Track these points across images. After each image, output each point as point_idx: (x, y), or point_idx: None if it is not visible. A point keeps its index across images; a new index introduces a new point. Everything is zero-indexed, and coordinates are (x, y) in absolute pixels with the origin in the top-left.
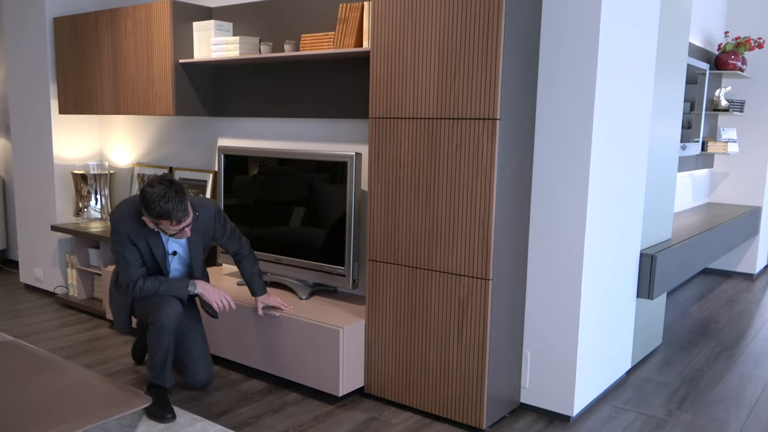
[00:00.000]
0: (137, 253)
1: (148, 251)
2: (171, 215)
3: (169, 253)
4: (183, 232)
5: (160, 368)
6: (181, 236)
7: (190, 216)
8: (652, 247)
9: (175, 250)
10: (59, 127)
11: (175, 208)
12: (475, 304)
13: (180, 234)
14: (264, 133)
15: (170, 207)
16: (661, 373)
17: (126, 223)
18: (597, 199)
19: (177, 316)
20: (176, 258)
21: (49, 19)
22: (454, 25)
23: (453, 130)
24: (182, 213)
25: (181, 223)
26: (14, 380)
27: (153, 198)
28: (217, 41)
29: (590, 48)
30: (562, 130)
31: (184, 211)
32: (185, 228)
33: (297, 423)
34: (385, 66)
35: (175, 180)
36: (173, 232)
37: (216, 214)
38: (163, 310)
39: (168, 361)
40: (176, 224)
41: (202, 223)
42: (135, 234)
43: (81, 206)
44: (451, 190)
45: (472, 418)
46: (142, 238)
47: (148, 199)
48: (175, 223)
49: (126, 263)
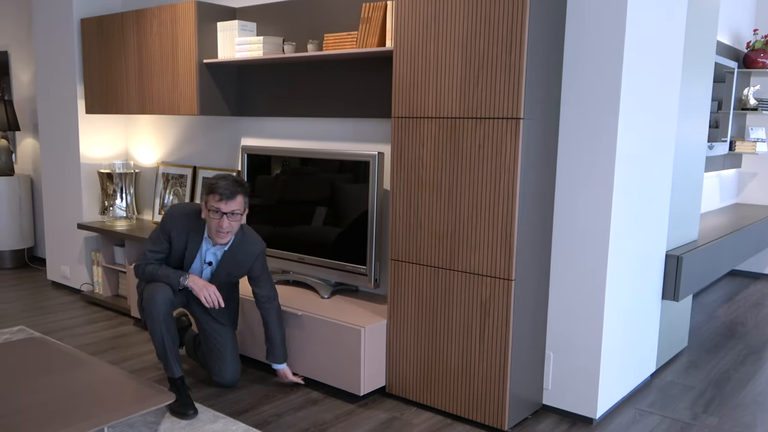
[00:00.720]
0: (166, 249)
1: (181, 252)
2: (217, 189)
3: (206, 263)
4: (221, 223)
5: (163, 359)
6: (218, 230)
7: (237, 208)
8: (677, 249)
9: (211, 261)
10: (86, 127)
11: (225, 186)
12: (498, 304)
13: (218, 225)
14: (287, 132)
15: (221, 183)
16: (687, 376)
17: (176, 220)
18: (622, 199)
19: (164, 303)
20: (208, 270)
21: (77, 20)
22: (478, 24)
23: (476, 130)
24: (229, 193)
25: (223, 202)
26: (41, 376)
27: (215, 176)
28: (241, 41)
29: (616, 46)
30: (586, 130)
31: (232, 194)
32: (225, 217)
33: (318, 422)
34: (408, 65)
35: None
36: (214, 218)
37: (260, 251)
38: (151, 298)
39: (168, 350)
40: (219, 201)
41: (243, 251)
42: (177, 232)
43: (107, 205)
44: (473, 190)
45: (494, 419)
46: (182, 238)
47: (210, 178)
48: (218, 198)
49: (150, 249)
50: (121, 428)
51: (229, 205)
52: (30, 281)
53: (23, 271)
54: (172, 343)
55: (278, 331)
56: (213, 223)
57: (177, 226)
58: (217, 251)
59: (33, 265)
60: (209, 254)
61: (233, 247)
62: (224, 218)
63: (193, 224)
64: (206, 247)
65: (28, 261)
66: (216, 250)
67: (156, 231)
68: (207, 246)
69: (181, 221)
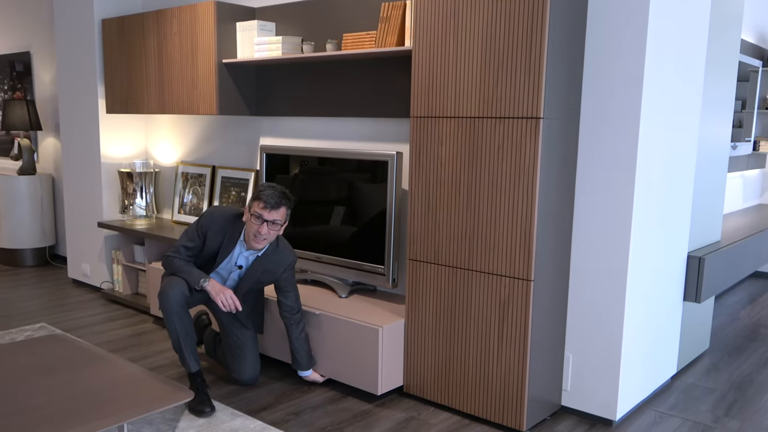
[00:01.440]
0: (199, 247)
1: (214, 251)
2: (263, 196)
3: (236, 265)
4: (261, 229)
5: (178, 353)
6: (256, 236)
7: (278, 218)
8: (700, 250)
9: (242, 265)
10: (106, 126)
11: (271, 196)
12: (517, 305)
13: (257, 231)
14: (305, 132)
15: (269, 192)
16: (708, 379)
17: (215, 221)
18: (643, 199)
19: (177, 299)
20: (237, 273)
21: (98, 21)
22: (498, 22)
23: (495, 130)
24: (273, 203)
25: (267, 210)
26: (62, 373)
27: (264, 184)
28: (260, 41)
29: (637, 45)
30: (607, 129)
31: (276, 204)
32: (265, 224)
33: (336, 420)
34: (426, 64)
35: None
36: (255, 223)
37: (291, 263)
38: (166, 294)
39: (183, 345)
40: (263, 208)
41: (274, 261)
42: (214, 233)
43: (127, 204)
44: (492, 190)
45: (512, 420)
46: (218, 239)
47: (260, 185)
48: (262, 206)
49: (184, 244)
50: (140, 425)
51: (272, 214)
52: (51, 279)
53: (45, 269)
54: (186, 337)
55: (302, 342)
56: (253, 227)
57: (214, 227)
58: (250, 256)
59: (54, 263)
60: (241, 258)
61: (266, 255)
62: (264, 225)
63: (231, 227)
64: (239, 250)
65: (49, 259)
66: (248, 255)
67: (192, 228)
68: (240, 249)
69: (219, 223)
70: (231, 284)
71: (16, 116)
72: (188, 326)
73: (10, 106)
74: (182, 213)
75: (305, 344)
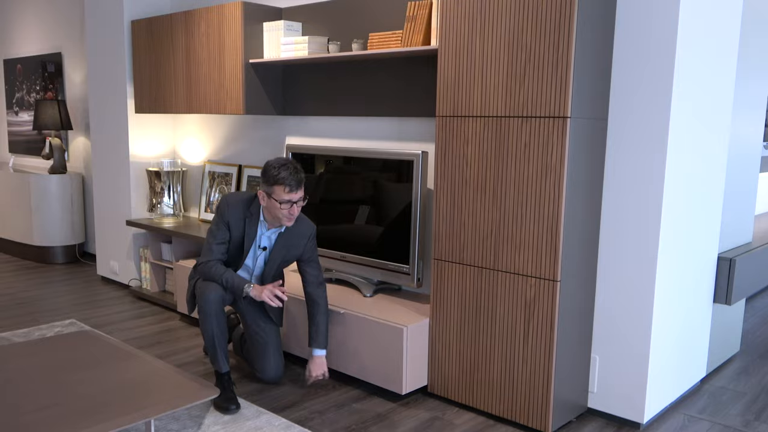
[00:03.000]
0: (227, 238)
1: (239, 240)
2: (285, 181)
3: (260, 247)
4: (291, 210)
5: (212, 353)
6: (288, 217)
7: (301, 194)
8: (730, 251)
9: (266, 246)
10: (135, 126)
11: (290, 177)
12: (543, 305)
13: (288, 213)
14: (331, 131)
15: (286, 174)
16: (738, 382)
17: (232, 208)
18: (672, 199)
19: (216, 301)
20: (262, 256)
21: (127, 22)
22: (525, 20)
23: (522, 129)
24: (295, 184)
25: (293, 193)
26: (90, 368)
27: (273, 165)
28: (286, 41)
29: (668, 43)
30: (636, 128)
31: (298, 183)
32: (294, 205)
33: (360, 420)
34: (453, 63)
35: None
36: (284, 208)
37: (312, 233)
38: (205, 296)
39: (217, 345)
40: (288, 192)
41: (296, 233)
42: (235, 220)
43: (154, 202)
44: (518, 190)
45: (538, 421)
46: (240, 226)
47: (268, 167)
48: (287, 190)
49: (213, 240)
50: (166, 421)
51: (297, 194)
52: (81, 276)
53: (74, 266)
54: (221, 339)
55: (325, 316)
56: (282, 212)
57: (234, 214)
58: (272, 235)
59: (84, 261)
60: (264, 239)
61: (287, 230)
62: (294, 206)
63: (248, 211)
64: (261, 231)
65: (79, 256)
66: (270, 234)
67: (214, 222)
68: (261, 230)
69: (237, 209)
70: (258, 271)
71: (48, 116)
72: (223, 327)
73: (42, 106)
74: (209, 212)
75: (327, 321)
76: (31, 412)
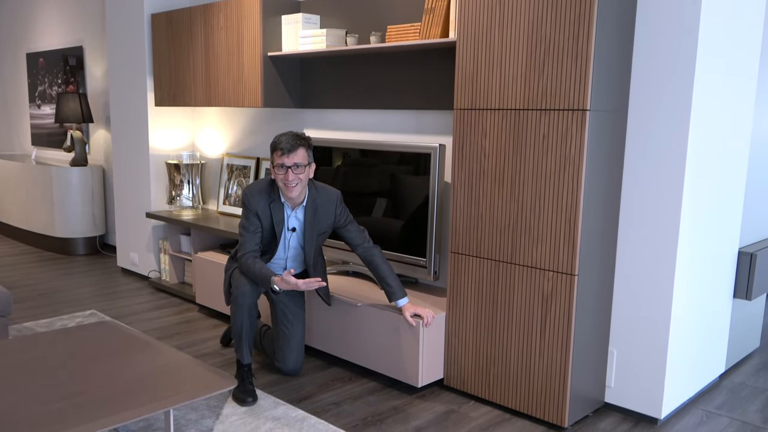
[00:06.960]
0: (259, 227)
1: (269, 225)
2: (278, 145)
3: (289, 229)
4: (287, 176)
5: (237, 343)
6: (285, 184)
7: (299, 160)
8: (752, 245)
9: (294, 227)
10: (155, 119)
11: (285, 141)
12: (560, 299)
13: (284, 179)
14: (348, 124)
15: (282, 138)
16: (758, 378)
17: (255, 197)
18: (692, 193)
19: (250, 294)
20: (294, 237)
21: (147, 16)
22: (544, 11)
23: (540, 121)
24: (288, 147)
25: (285, 157)
26: (110, 358)
27: (277, 135)
28: (304, 34)
29: (689, 36)
30: (657, 122)
31: (291, 147)
32: (289, 170)
33: (376, 411)
34: (471, 56)
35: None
36: (279, 173)
37: (338, 197)
38: (240, 288)
39: (244, 336)
40: (281, 156)
41: (321, 202)
42: (262, 208)
43: (174, 195)
44: (537, 183)
45: (554, 415)
46: (267, 213)
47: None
48: (280, 154)
49: (245, 232)
50: (185, 411)
51: (291, 158)
52: (101, 267)
53: (95, 258)
54: (249, 332)
55: (388, 268)
56: (279, 178)
57: (260, 203)
58: (298, 212)
59: (104, 252)
60: (292, 220)
61: (311, 201)
62: (289, 172)
63: (271, 196)
64: (287, 213)
65: (99, 248)
66: (297, 212)
67: (243, 215)
68: (287, 212)
69: (260, 196)
70: (292, 252)
71: (69, 109)
72: (254, 320)
73: (64, 100)
74: (227, 204)
75: (392, 270)
76: (53, 401)
